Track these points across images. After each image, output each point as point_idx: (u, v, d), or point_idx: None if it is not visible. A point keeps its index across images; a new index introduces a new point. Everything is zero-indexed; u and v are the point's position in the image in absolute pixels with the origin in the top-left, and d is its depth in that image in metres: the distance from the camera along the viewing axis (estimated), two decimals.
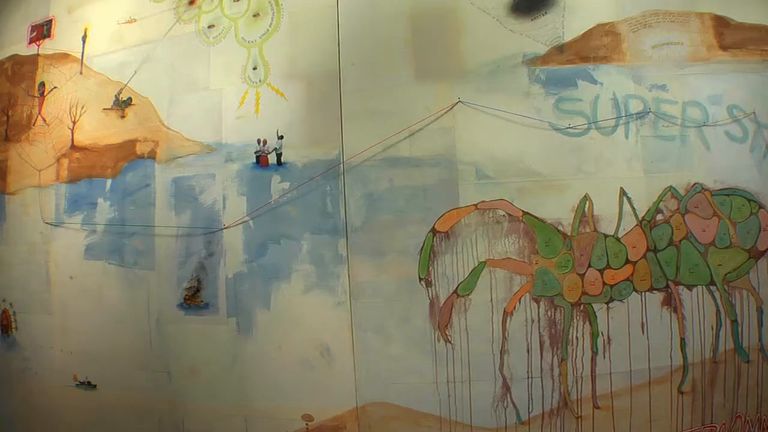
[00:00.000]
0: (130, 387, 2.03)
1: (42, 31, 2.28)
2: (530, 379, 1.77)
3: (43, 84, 2.25)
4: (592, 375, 1.76)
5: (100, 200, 2.09)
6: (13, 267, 2.24)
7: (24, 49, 2.33)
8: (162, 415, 2.00)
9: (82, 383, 2.10)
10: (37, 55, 2.29)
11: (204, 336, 1.94)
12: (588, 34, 1.84)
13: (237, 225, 1.92)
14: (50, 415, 2.17)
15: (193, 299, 1.94)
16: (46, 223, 2.17)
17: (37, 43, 2.29)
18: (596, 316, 1.76)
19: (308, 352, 1.85)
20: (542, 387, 1.77)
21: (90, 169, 2.11)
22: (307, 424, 1.85)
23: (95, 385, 2.09)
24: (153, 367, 2.00)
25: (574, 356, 1.76)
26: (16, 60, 2.34)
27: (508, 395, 1.77)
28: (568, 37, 1.84)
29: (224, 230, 1.93)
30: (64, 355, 2.13)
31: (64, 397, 2.13)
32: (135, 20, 2.13)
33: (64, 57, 2.23)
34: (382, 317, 1.81)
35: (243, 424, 1.91)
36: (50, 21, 2.28)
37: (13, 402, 2.25)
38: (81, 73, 2.19)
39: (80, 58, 2.20)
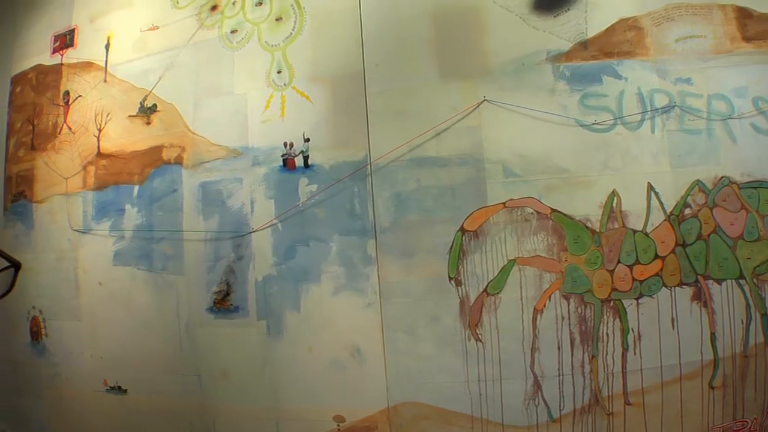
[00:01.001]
0: (160, 391, 2.04)
1: (65, 40, 2.31)
2: (561, 377, 1.76)
3: (67, 93, 2.28)
4: (622, 371, 1.74)
5: (127, 206, 2.11)
6: (41, 274, 2.25)
7: (47, 59, 2.35)
8: (193, 419, 2.01)
9: (113, 388, 2.11)
10: (61, 64, 2.32)
11: (234, 339, 1.95)
12: (611, 30, 1.83)
13: (265, 228, 1.92)
14: (81, 421, 2.19)
15: (223, 303, 1.95)
16: (74, 230, 2.19)
17: (61, 52, 2.32)
18: (626, 312, 1.75)
19: (339, 354, 1.86)
20: (573, 384, 1.75)
21: (117, 175, 2.13)
22: (338, 425, 1.86)
23: (126, 390, 2.10)
24: (183, 371, 2.01)
25: (605, 353, 1.75)
26: (40, 70, 2.37)
27: (539, 393, 1.76)
28: (591, 33, 1.83)
29: (253, 234, 1.94)
30: (94, 360, 2.15)
31: (95, 402, 2.15)
32: (157, 27, 2.14)
33: (87, 65, 2.26)
34: (413, 317, 1.81)
35: (274, 427, 1.91)
36: (73, 30, 2.30)
37: (43, 408, 2.27)
38: (105, 81, 2.21)
39: (104, 66, 2.22)
